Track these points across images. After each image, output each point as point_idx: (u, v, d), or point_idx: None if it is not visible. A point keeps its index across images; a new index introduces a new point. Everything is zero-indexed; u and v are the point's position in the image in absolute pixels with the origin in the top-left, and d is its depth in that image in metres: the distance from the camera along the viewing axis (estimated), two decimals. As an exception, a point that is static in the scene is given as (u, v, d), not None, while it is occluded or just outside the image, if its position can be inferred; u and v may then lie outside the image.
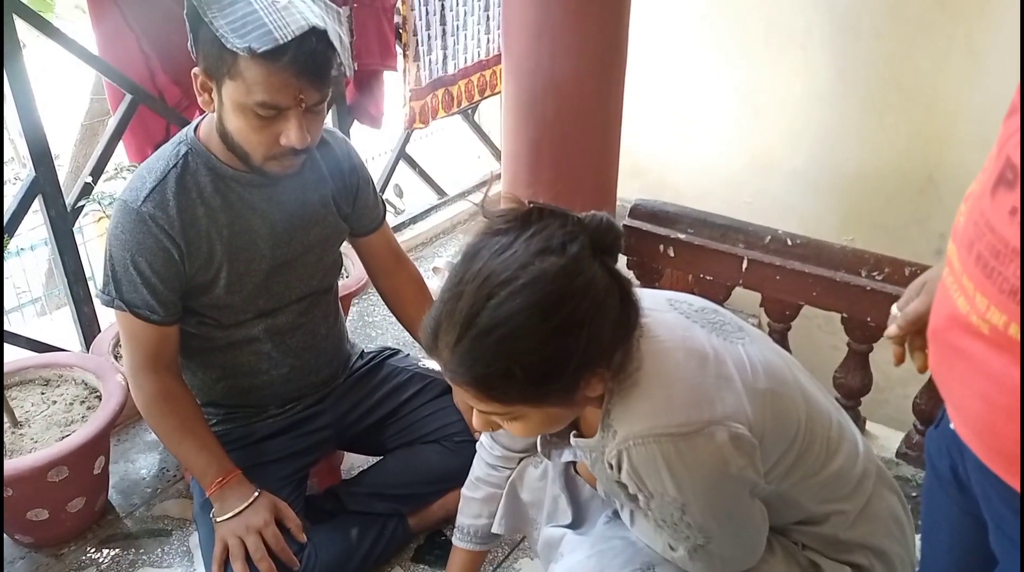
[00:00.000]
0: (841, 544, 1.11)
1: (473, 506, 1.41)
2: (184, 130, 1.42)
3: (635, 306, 0.94)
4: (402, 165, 3.03)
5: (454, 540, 1.45)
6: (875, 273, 1.75)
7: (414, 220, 3.13)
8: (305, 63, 1.21)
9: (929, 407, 1.83)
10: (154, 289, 1.36)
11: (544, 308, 0.85)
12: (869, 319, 1.79)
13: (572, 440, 1.13)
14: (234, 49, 1.18)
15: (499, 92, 3.21)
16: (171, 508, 1.82)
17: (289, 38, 1.19)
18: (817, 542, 1.12)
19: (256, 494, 1.42)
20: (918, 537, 1.14)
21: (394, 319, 2.59)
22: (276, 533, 1.38)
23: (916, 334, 0.96)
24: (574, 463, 1.28)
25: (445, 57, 2.86)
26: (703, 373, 0.95)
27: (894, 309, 1.00)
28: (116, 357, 1.90)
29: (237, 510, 1.39)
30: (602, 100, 1.74)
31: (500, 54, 3.12)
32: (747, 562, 1.07)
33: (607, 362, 0.93)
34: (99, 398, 1.76)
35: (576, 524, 1.29)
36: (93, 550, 1.70)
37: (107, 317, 2.09)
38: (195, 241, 1.37)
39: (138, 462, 1.96)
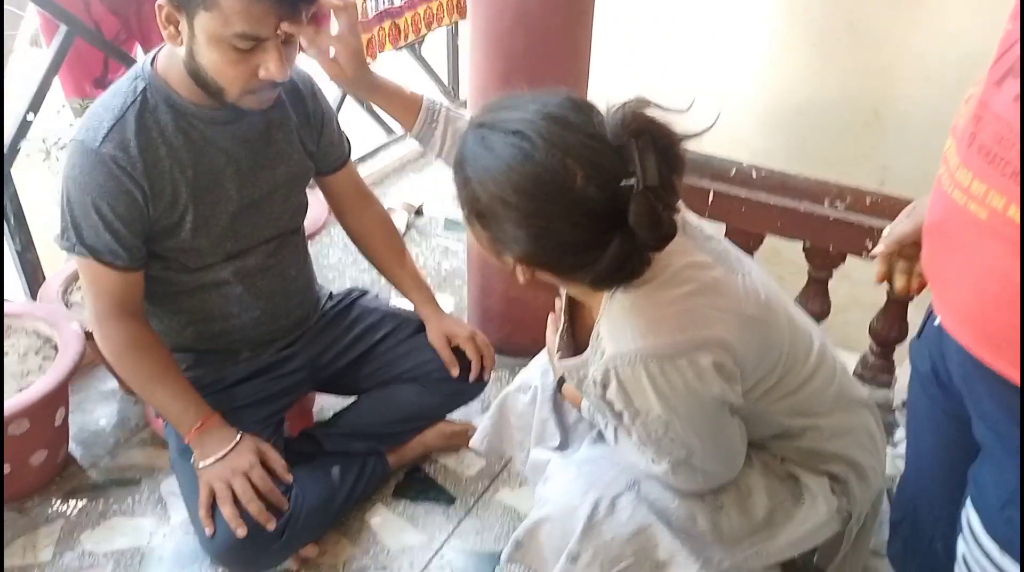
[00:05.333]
0: (818, 456, 1.16)
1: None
2: (139, 64, 1.33)
3: (609, 278, 0.94)
4: (350, 102, 2.94)
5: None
6: (838, 202, 1.80)
7: (362, 159, 3.05)
8: None
9: (885, 330, 1.91)
10: (117, 233, 1.30)
11: (519, 184, 0.87)
12: (831, 247, 1.84)
13: (557, 362, 1.15)
14: None
15: (446, 24, 3.12)
16: (137, 457, 1.78)
17: None
18: (795, 454, 1.17)
19: (239, 436, 1.39)
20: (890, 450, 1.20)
21: (350, 261, 2.59)
22: (263, 474, 1.37)
23: (900, 256, 1.00)
24: (559, 387, 1.31)
25: (391, -13, 2.76)
26: (696, 299, 0.97)
27: (885, 231, 1.03)
28: (67, 304, 1.82)
29: (220, 454, 1.36)
30: (572, 34, 1.70)
31: (448, -16, 3.05)
32: (726, 475, 1.11)
33: (532, 267, 0.95)
34: (54, 348, 1.69)
35: (563, 446, 1.33)
36: (59, 502, 1.65)
37: (52, 264, 2.00)
38: (158, 182, 1.31)
39: (96, 412, 1.90)
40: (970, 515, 0.80)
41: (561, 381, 1.29)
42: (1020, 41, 0.64)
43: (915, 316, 1.90)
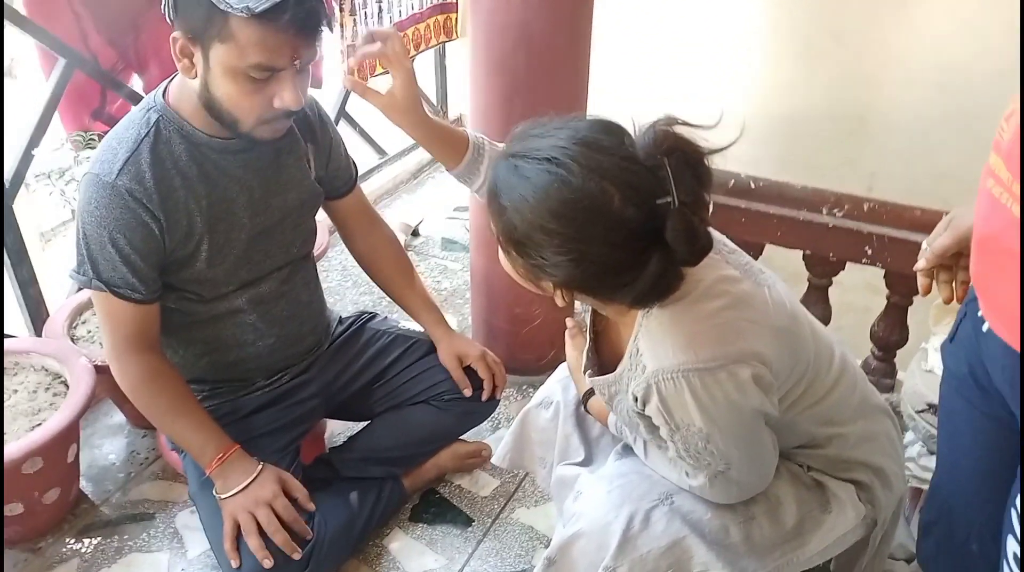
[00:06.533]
0: (843, 463, 1.18)
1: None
2: (151, 95, 1.33)
3: (650, 296, 0.95)
4: (343, 125, 2.95)
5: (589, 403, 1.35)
6: (836, 210, 1.83)
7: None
8: (304, 21, 1.16)
9: (886, 334, 1.94)
10: (134, 266, 1.29)
11: (557, 210, 0.88)
12: (831, 255, 1.87)
13: (588, 379, 1.16)
14: (228, 10, 1.12)
15: (434, 46, 3.14)
16: (149, 491, 1.76)
17: None
18: (821, 463, 1.19)
19: (260, 467, 1.39)
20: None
21: (349, 284, 2.59)
22: (287, 504, 1.36)
23: (942, 268, 1.03)
24: (584, 402, 1.32)
25: (380, 11, 2.78)
26: (731, 313, 0.99)
27: (924, 244, 1.06)
28: (73, 339, 1.81)
29: (242, 485, 1.36)
30: (572, 53, 1.72)
31: (435, 6, 3.07)
32: (760, 486, 1.12)
33: (572, 291, 0.97)
34: (63, 383, 1.68)
35: (587, 461, 1.33)
36: (73, 541, 1.63)
37: (54, 299, 1.98)
38: (174, 213, 1.31)
39: (104, 447, 1.88)
40: (1022, 515, 0.81)
41: (586, 397, 1.30)
42: None
43: (913, 321, 1.95)
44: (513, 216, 0.92)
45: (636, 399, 1.02)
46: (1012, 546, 0.83)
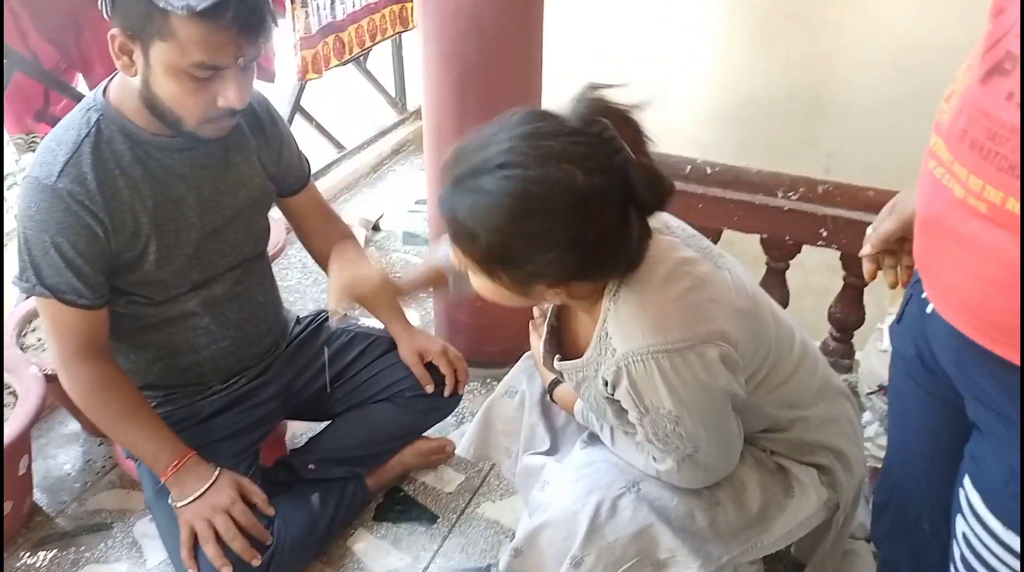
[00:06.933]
0: (805, 446, 1.19)
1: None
2: (91, 94, 1.30)
3: (637, 257, 0.96)
4: (299, 120, 2.90)
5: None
6: (791, 193, 1.84)
7: (314, 176, 3.00)
8: (247, 19, 1.13)
9: (843, 315, 1.96)
10: (79, 271, 1.26)
11: (531, 208, 0.87)
12: (788, 238, 1.88)
13: (556, 364, 1.15)
14: (167, 7, 1.08)
15: (390, 36, 3.10)
16: (106, 500, 1.72)
17: None
18: (783, 447, 1.20)
19: (216, 472, 1.36)
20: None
21: (309, 282, 2.56)
22: (244, 509, 1.34)
23: (887, 253, 1.03)
24: (550, 392, 1.31)
25: (333, 2, 2.73)
26: (696, 294, 1.00)
27: (869, 230, 1.06)
28: (22, 347, 1.76)
29: (199, 492, 1.33)
30: (524, 38, 1.70)
31: (389, -4, 3.03)
32: (726, 469, 1.13)
33: (569, 283, 0.96)
34: (12, 393, 1.63)
35: (552, 451, 1.33)
36: (28, 555, 1.59)
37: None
38: (119, 215, 1.27)
39: (59, 457, 1.84)
40: (969, 494, 0.82)
41: (552, 386, 1.29)
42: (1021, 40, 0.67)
43: (870, 301, 1.97)
44: (488, 236, 0.90)
45: (606, 383, 1.03)
46: (961, 525, 0.84)
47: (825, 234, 1.81)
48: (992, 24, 0.71)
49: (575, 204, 0.87)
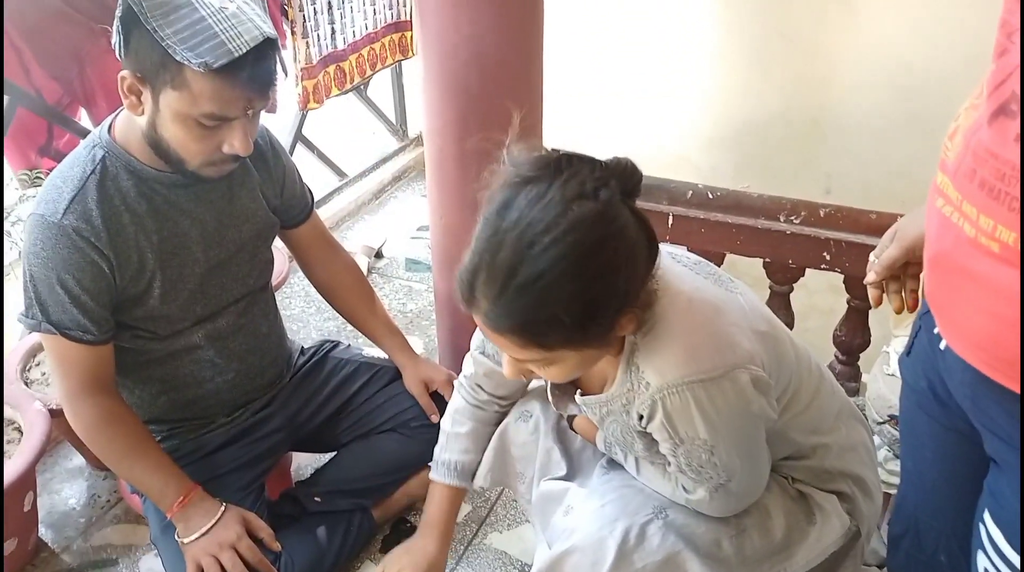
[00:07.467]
0: (826, 474, 1.19)
1: (460, 441, 1.40)
2: (96, 131, 1.31)
3: (657, 246, 0.96)
4: (300, 149, 2.92)
5: (433, 476, 1.42)
6: (793, 217, 1.84)
7: (317, 205, 3.01)
8: (261, 76, 1.15)
9: (849, 338, 1.96)
10: (84, 307, 1.26)
11: (586, 253, 0.86)
12: (791, 261, 1.88)
13: (578, 398, 1.15)
14: (186, 63, 1.10)
15: (390, 65, 3.13)
16: (112, 535, 1.71)
17: (244, 50, 1.12)
18: (805, 474, 1.20)
19: (223, 508, 1.35)
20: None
21: (312, 311, 2.56)
22: (251, 545, 1.33)
23: (891, 279, 1.04)
24: (570, 423, 1.31)
25: (333, 32, 2.76)
26: (718, 321, 1.00)
27: (872, 257, 1.06)
28: (26, 382, 1.76)
29: (205, 528, 1.32)
30: (524, 68, 1.72)
31: (389, 25, 3.06)
32: (753, 497, 1.13)
33: (639, 301, 0.95)
34: (17, 429, 1.62)
35: (569, 475, 1.31)
36: (33, 592, 1.58)
37: (5, 342, 1.92)
38: (124, 251, 1.28)
39: (64, 492, 1.83)
40: (990, 529, 0.82)
41: (571, 418, 1.29)
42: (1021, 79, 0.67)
43: (875, 321, 1.97)
44: (569, 306, 0.88)
45: (640, 417, 1.02)
46: (983, 561, 0.83)
47: (828, 257, 1.82)
48: (996, 64, 0.72)
49: (607, 221, 0.87)
